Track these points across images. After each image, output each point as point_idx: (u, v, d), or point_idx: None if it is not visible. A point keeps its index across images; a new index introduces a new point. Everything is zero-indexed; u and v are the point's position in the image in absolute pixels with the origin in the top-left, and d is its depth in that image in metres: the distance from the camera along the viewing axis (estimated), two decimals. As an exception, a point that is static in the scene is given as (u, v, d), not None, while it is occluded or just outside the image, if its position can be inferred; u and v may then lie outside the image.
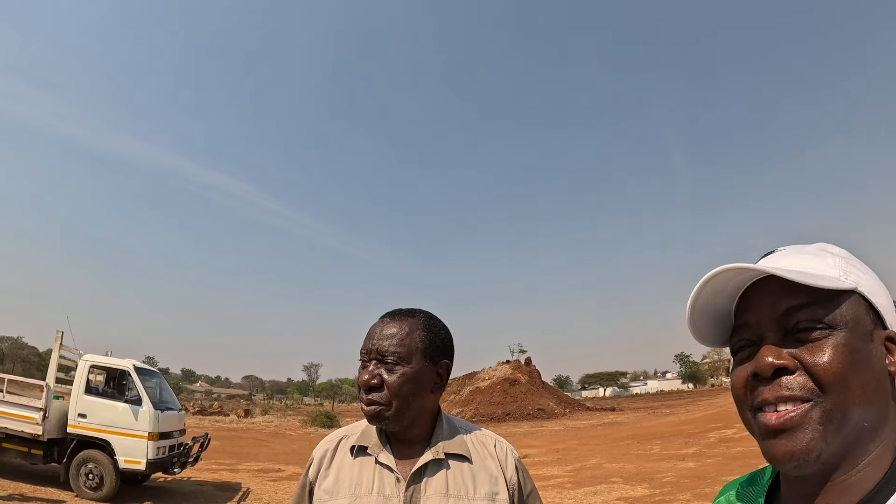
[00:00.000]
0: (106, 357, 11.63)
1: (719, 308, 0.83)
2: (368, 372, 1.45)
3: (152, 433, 10.62)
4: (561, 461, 18.23)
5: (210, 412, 43.15)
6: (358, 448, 1.51)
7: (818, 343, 0.70)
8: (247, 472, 15.93)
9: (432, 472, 1.46)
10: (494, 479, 1.50)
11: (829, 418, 0.68)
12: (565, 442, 25.34)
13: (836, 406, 0.68)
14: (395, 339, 1.47)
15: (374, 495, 1.42)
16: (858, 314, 0.72)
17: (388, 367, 1.45)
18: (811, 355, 0.70)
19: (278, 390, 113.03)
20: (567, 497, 11.75)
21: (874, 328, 0.73)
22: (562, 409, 51.96)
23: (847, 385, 0.68)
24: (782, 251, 0.83)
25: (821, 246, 0.81)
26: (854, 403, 0.68)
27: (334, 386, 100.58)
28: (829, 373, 0.68)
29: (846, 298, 0.72)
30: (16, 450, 10.68)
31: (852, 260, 0.78)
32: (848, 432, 0.69)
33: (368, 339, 1.49)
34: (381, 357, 1.46)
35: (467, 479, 1.46)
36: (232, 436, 27.10)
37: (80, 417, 10.62)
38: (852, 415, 0.68)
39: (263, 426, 35.62)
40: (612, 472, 14.89)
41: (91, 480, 10.28)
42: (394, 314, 1.55)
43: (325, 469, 1.52)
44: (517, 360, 63.39)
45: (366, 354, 1.48)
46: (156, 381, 12.16)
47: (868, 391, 0.69)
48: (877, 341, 0.72)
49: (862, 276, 0.75)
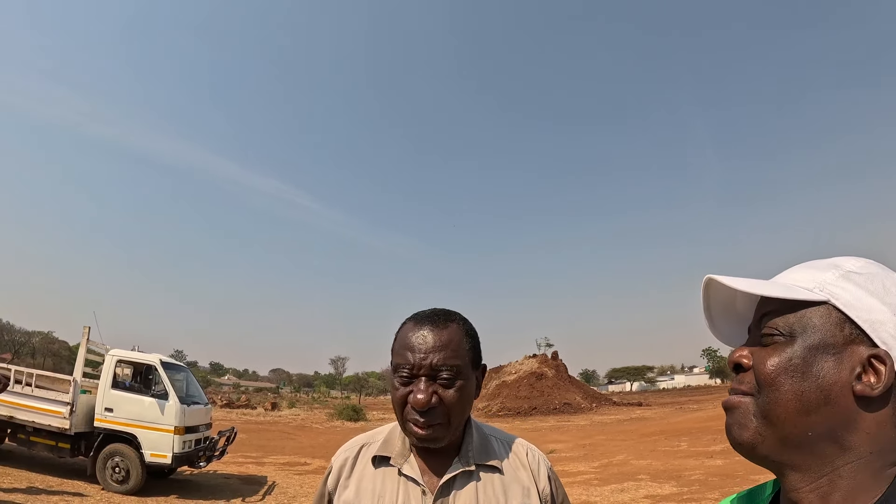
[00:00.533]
0: (132, 352, 11.73)
1: (739, 312, 0.91)
2: (423, 391, 1.26)
3: (178, 427, 10.67)
4: (587, 457, 18.06)
5: (237, 405, 43.74)
6: (380, 458, 1.39)
7: (769, 347, 0.77)
8: (273, 465, 16.04)
9: (461, 484, 1.33)
10: (527, 490, 1.38)
11: (763, 414, 0.74)
12: (592, 437, 25.14)
13: (768, 404, 0.74)
14: (449, 350, 1.30)
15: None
16: (820, 325, 0.74)
17: (443, 383, 1.28)
18: (759, 356, 0.77)
19: (305, 383, 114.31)
20: (594, 494, 11.58)
21: (848, 342, 0.72)
22: (588, 403, 51.68)
23: (778, 388, 0.73)
24: (801, 265, 0.85)
25: (836, 259, 0.81)
26: (785, 407, 0.72)
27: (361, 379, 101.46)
28: (763, 373, 0.75)
29: (814, 310, 0.75)
30: (44, 443, 10.83)
31: (856, 273, 0.76)
32: (786, 435, 0.72)
33: (412, 352, 1.29)
34: (435, 373, 1.28)
35: (498, 491, 1.35)
36: (259, 429, 27.39)
37: (106, 411, 10.72)
38: (785, 418, 0.72)
39: (290, 419, 35.99)
40: (639, 468, 14.67)
41: (117, 474, 10.37)
42: (433, 320, 1.36)
43: (345, 479, 1.40)
44: (544, 354, 63.22)
45: (410, 369, 1.28)
46: (183, 376, 12.23)
47: (807, 400, 0.71)
48: (846, 355, 0.72)
49: (852, 288, 0.74)
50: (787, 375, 0.72)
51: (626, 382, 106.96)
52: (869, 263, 0.78)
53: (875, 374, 0.69)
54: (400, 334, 1.37)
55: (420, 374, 1.28)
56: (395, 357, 1.34)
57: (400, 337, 1.36)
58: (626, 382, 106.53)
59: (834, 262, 0.80)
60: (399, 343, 1.34)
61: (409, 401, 1.27)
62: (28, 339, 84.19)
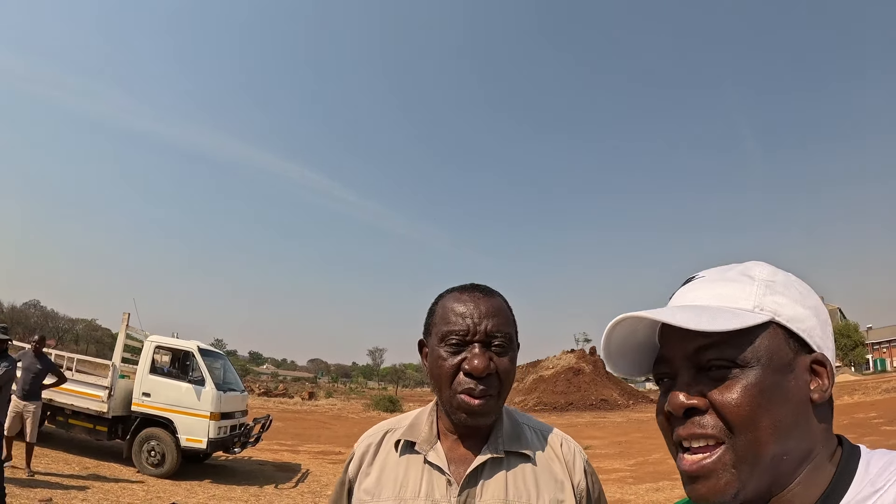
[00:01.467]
0: (171, 338, 11.95)
1: (640, 343, 0.83)
2: (481, 357, 1.19)
3: (214, 413, 10.83)
4: (623, 454, 17.84)
5: (275, 394, 44.43)
6: (405, 444, 1.31)
7: (727, 383, 0.69)
8: (307, 453, 16.22)
9: (490, 473, 1.24)
10: (560, 483, 1.28)
11: (742, 459, 0.68)
12: (628, 434, 24.80)
13: (747, 446, 0.67)
14: (501, 317, 1.25)
15: (421, 499, 1.22)
16: (774, 346, 0.70)
17: (497, 351, 1.23)
18: (720, 395, 0.69)
19: (343, 374, 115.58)
20: (628, 492, 11.40)
21: (796, 356, 0.71)
22: (625, 400, 51.10)
23: (756, 425, 0.67)
24: (701, 278, 0.81)
25: (744, 268, 0.78)
26: (766, 442, 0.67)
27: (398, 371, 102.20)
28: (736, 415, 0.68)
29: (760, 332, 0.70)
30: (82, 426, 11.10)
31: (775, 283, 0.75)
32: (764, 468, 0.68)
33: (463, 318, 1.23)
34: (490, 339, 1.22)
35: (529, 483, 1.25)
36: (295, 417, 27.77)
37: (144, 396, 10.92)
38: (765, 452, 0.67)
39: (327, 409, 36.42)
40: (675, 468, 14.25)
41: (153, 457, 10.56)
42: (480, 288, 1.31)
43: (367, 466, 1.33)
44: (581, 350, 62.66)
45: (461, 336, 1.21)
46: (220, 363, 12.45)
47: (782, 427, 0.68)
48: (798, 369, 0.71)
49: (782, 300, 0.73)
50: (763, 409, 0.67)
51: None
52: (772, 268, 0.78)
53: (819, 377, 0.71)
54: (443, 304, 1.30)
55: (474, 340, 1.21)
56: (440, 326, 1.26)
57: (445, 306, 1.28)
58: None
59: (744, 272, 0.77)
60: (444, 311, 1.27)
61: (465, 367, 1.20)
62: (72, 327, 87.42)
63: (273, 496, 10.05)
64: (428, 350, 1.30)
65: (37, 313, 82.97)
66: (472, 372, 1.18)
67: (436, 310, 1.31)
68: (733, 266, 0.80)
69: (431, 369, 1.27)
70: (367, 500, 1.27)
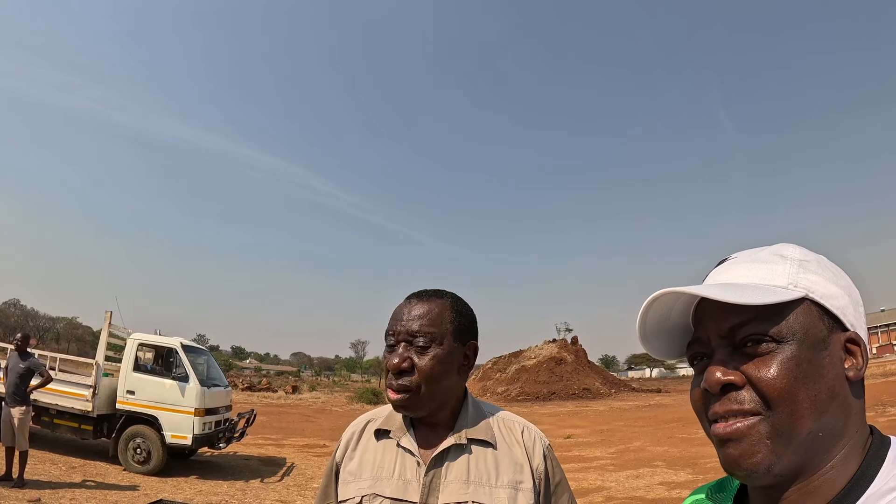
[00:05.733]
0: (154, 335, 11.97)
1: (674, 325, 0.84)
2: (398, 355, 1.38)
3: (198, 409, 10.88)
4: (605, 442, 18.08)
5: (258, 388, 44.23)
6: (381, 431, 1.49)
7: (764, 358, 0.70)
8: (292, 447, 16.28)
9: (454, 457, 1.41)
10: (519, 466, 1.43)
11: (777, 433, 0.68)
12: (610, 423, 25.13)
13: (784, 421, 0.68)
14: (426, 319, 1.41)
15: (394, 478, 1.39)
16: (809, 322, 0.71)
17: (418, 350, 1.39)
18: (757, 370, 0.70)
19: (326, 367, 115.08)
20: (609, 479, 11.62)
21: (830, 333, 0.72)
22: (607, 389, 51.59)
23: (794, 399, 0.67)
24: (734, 259, 0.82)
25: (776, 249, 0.79)
26: (803, 416, 0.67)
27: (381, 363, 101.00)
28: (774, 388, 0.68)
29: (794, 308, 0.72)
30: (67, 425, 11.09)
31: (808, 261, 0.76)
32: (799, 444, 0.68)
33: (395, 321, 1.43)
34: (411, 339, 1.40)
35: (490, 466, 1.41)
36: (279, 412, 27.75)
37: (128, 394, 10.94)
38: (802, 428, 0.67)
39: (310, 402, 36.43)
40: (656, 455, 14.65)
41: (139, 455, 10.60)
42: (420, 295, 1.48)
43: (351, 451, 1.51)
44: (563, 339, 63.09)
45: (393, 336, 1.41)
46: (203, 359, 12.47)
47: (819, 402, 0.68)
48: (833, 346, 0.71)
49: (815, 279, 0.74)
50: (800, 382, 0.68)
51: (645, 369, 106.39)
52: (804, 250, 0.79)
53: (853, 356, 0.71)
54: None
55: (400, 341, 1.41)
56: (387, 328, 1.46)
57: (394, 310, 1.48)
58: (646, 369, 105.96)
59: (777, 252, 0.78)
60: (392, 315, 1.46)
61: (385, 365, 1.40)
62: (53, 325, 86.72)
63: (259, 490, 10.13)
64: None
65: (17, 312, 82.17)
66: (388, 368, 1.39)
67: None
68: (764, 248, 0.81)
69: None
70: (350, 480, 1.45)
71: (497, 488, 1.38)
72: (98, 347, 11.57)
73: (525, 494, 1.40)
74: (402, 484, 1.37)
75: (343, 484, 1.46)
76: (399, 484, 1.37)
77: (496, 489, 1.38)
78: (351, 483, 1.44)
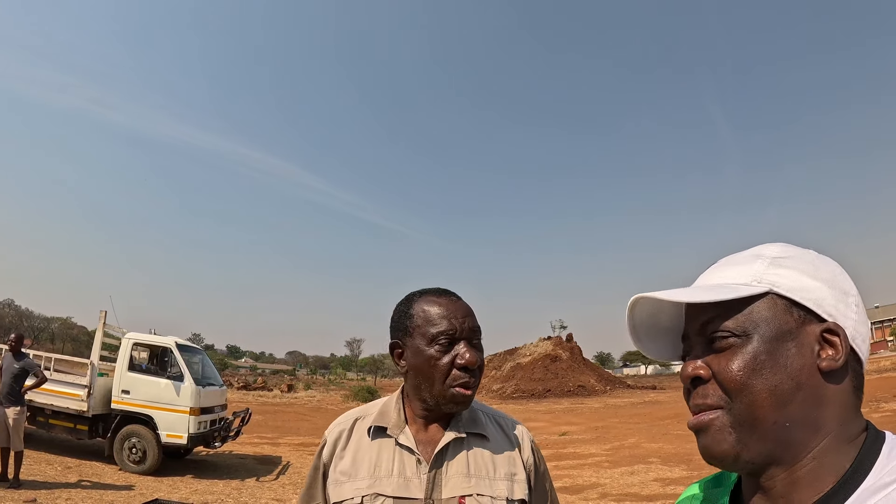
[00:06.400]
0: (148, 335, 11.95)
1: (666, 326, 0.88)
2: (473, 352, 1.39)
3: (193, 408, 10.90)
4: (600, 439, 18.14)
5: (254, 387, 44.14)
6: (376, 429, 1.47)
7: (727, 352, 0.74)
8: (288, 446, 16.30)
9: (453, 453, 1.43)
10: (512, 459, 1.48)
11: (740, 423, 0.72)
12: (605, 420, 25.20)
13: (744, 411, 0.71)
14: (474, 317, 1.47)
15: (394, 476, 1.39)
16: (771, 315, 0.74)
17: (477, 345, 1.44)
18: (718, 364, 0.74)
19: (322, 366, 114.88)
20: (604, 476, 11.68)
21: (801, 324, 0.74)
22: (602, 386, 51.63)
23: (751, 391, 0.71)
24: (719, 262, 0.86)
25: (757, 249, 0.83)
26: (762, 407, 0.70)
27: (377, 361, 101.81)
28: (731, 380, 0.72)
29: (757, 302, 0.75)
30: (62, 425, 11.09)
31: (784, 258, 0.79)
32: (765, 433, 0.71)
33: (454, 318, 1.41)
34: (473, 335, 1.43)
35: (487, 460, 1.44)
36: (275, 410, 27.75)
37: (123, 394, 10.95)
38: (763, 418, 0.70)
39: (306, 401, 36.40)
40: (651, 452, 14.71)
41: (134, 454, 10.61)
42: (449, 292, 1.51)
43: (341, 450, 1.48)
44: (558, 337, 63.09)
45: (452, 335, 1.40)
46: (198, 358, 12.49)
47: (780, 393, 0.70)
48: (803, 337, 0.73)
49: (786, 273, 0.76)
50: (757, 374, 0.71)
51: (640, 366, 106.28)
52: (787, 247, 0.81)
53: (832, 346, 0.72)
54: (422, 307, 1.46)
55: (462, 338, 1.41)
56: (426, 328, 1.42)
57: (426, 310, 1.45)
58: (641, 366, 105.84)
59: (755, 252, 0.81)
60: (427, 315, 1.44)
61: (459, 363, 1.38)
62: (47, 325, 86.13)
63: (255, 489, 10.15)
64: (408, 351, 1.46)
65: (11, 312, 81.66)
66: (467, 366, 1.38)
67: (413, 313, 1.46)
68: (750, 249, 0.83)
69: (421, 368, 1.41)
70: (343, 480, 1.42)
71: (496, 480, 1.42)
72: (93, 347, 11.56)
73: (520, 485, 1.45)
74: (402, 482, 1.38)
75: (335, 484, 1.44)
76: (400, 482, 1.38)
77: (495, 481, 1.41)
78: (346, 483, 1.42)
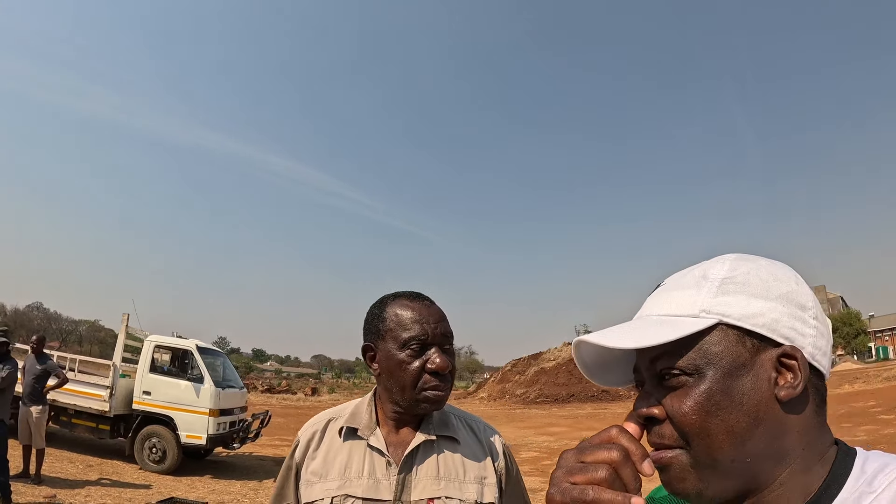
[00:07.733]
0: (169, 337, 12.16)
1: (619, 356, 0.81)
2: (442, 357, 1.40)
3: (213, 409, 11.03)
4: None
5: (278, 390, 44.44)
6: (347, 430, 1.48)
7: (679, 392, 0.69)
8: (307, 448, 16.28)
9: (423, 455, 1.44)
10: (483, 463, 1.49)
11: (699, 464, 0.68)
12: (627, 425, 24.89)
13: (703, 453, 0.67)
14: (447, 322, 1.47)
15: (364, 478, 1.40)
16: (723, 349, 0.69)
17: (447, 350, 1.44)
18: (671, 405, 0.69)
19: (347, 369, 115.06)
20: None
21: (755, 354, 0.69)
22: (627, 391, 50.99)
23: (708, 434, 0.67)
24: (664, 285, 0.80)
25: (703, 269, 0.76)
26: (721, 448, 0.67)
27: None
28: (687, 424, 0.68)
29: (707, 336, 0.69)
30: (85, 425, 11.34)
31: (731, 278, 0.73)
32: (726, 471, 0.68)
33: (425, 323, 1.42)
34: (444, 341, 1.44)
35: (457, 463, 1.45)
36: (297, 413, 27.87)
37: (144, 394, 11.14)
38: (722, 458, 0.67)
39: (329, 404, 36.18)
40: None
41: (154, 454, 10.79)
42: (423, 296, 1.51)
43: (313, 451, 1.49)
44: (583, 341, 62.34)
45: (424, 340, 1.41)
46: (220, 361, 12.67)
47: (737, 432, 0.66)
48: (759, 367, 0.68)
49: (734, 300, 0.70)
50: (713, 416, 0.66)
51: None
52: (737, 261, 0.75)
53: (790, 370, 0.68)
54: (394, 311, 1.46)
55: (434, 343, 1.41)
56: (398, 332, 1.42)
57: (398, 314, 1.45)
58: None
59: (702, 273, 0.75)
60: (400, 319, 1.44)
61: (430, 367, 1.39)
62: (75, 328, 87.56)
63: (271, 490, 10.13)
64: (380, 354, 1.47)
65: (40, 315, 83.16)
66: (437, 370, 1.38)
67: (385, 316, 1.46)
68: (697, 266, 0.78)
69: (393, 372, 1.42)
70: (314, 480, 1.43)
71: (466, 483, 1.42)
72: (115, 349, 11.80)
73: (490, 489, 1.45)
74: (372, 483, 1.39)
75: (307, 485, 1.45)
76: (370, 483, 1.39)
77: (465, 484, 1.42)
78: (316, 484, 1.43)
